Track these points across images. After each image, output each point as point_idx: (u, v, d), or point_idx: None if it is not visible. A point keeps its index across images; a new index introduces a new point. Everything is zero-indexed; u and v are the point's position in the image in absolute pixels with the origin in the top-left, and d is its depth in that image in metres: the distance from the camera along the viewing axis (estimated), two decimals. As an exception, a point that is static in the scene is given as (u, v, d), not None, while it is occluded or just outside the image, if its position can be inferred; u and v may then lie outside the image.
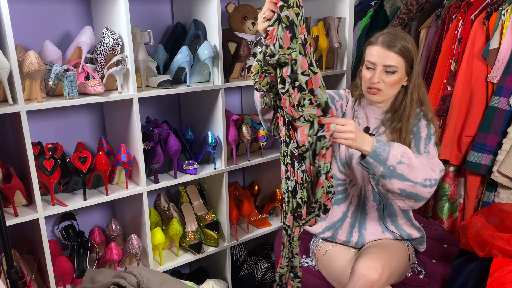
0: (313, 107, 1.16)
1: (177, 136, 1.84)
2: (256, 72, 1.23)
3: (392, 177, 1.25)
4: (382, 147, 1.26)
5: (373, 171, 1.27)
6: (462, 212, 1.99)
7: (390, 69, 1.38)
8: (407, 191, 1.27)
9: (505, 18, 1.74)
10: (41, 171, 1.46)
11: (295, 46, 1.11)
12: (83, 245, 1.68)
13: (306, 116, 1.17)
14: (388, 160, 1.25)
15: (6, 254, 1.22)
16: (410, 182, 1.26)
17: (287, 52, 1.11)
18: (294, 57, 1.12)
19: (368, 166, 1.27)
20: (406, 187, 1.26)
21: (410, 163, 1.26)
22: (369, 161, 1.26)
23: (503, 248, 1.28)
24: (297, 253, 1.35)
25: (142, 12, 1.86)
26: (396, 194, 1.29)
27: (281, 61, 1.13)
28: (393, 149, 1.27)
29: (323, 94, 1.17)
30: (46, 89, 1.52)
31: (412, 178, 1.26)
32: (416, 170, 1.26)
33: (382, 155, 1.25)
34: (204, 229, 1.93)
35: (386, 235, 1.52)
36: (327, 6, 2.14)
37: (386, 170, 1.25)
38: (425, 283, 1.48)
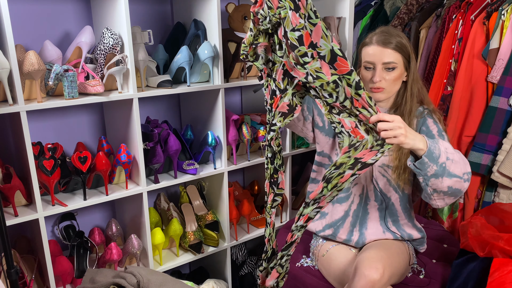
0: (316, 61, 1.09)
1: (177, 136, 1.84)
2: (248, 44, 1.20)
3: (444, 175, 1.21)
4: (433, 144, 1.20)
5: (425, 171, 1.21)
6: (462, 212, 1.99)
7: (389, 65, 1.39)
8: (453, 188, 1.24)
9: (505, 18, 1.74)
10: (41, 171, 1.46)
11: (284, 2, 1.06)
12: (83, 245, 1.68)
13: (313, 73, 1.10)
14: (440, 158, 1.20)
15: (6, 254, 1.22)
16: (457, 178, 1.23)
17: (277, 12, 1.07)
18: (283, 15, 1.07)
19: (421, 167, 1.21)
20: (453, 183, 1.24)
21: (454, 158, 1.23)
22: (424, 161, 1.19)
23: (503, 248, 1.28)
24: (269, 223, 1.34)
25: (142, 12, 1.86)
26: (442, 193, 1.26)
27: (274, 22, 1.10)
28: (440, 144, 1.22)
29: (327, 44, 1.09)
30: (46, 89, 1.52)
31: (458, 174, 1.23)
32: (459, 165, 1.24)
33: (435, 152, 1.19)
34: (204, 229, 1.93)
35: (386, 235, 1.52)
36: (327, 6, 2.14)
37: (439, 169, 1.20)
38: (425, 283, 1.48)
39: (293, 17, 1.06)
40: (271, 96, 1.18)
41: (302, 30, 1.07)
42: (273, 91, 1.17)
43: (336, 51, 1.10)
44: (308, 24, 1.07)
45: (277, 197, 1.30)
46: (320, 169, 1.62)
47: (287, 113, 1.19)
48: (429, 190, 1.27)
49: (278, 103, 1.16)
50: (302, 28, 1.07)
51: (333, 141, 1.57)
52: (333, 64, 1.10)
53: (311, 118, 1.54)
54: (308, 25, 1.07)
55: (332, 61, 1.10)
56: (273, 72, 1.16)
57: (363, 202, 1.52)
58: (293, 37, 1.07)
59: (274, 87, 1.16)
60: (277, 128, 1.20)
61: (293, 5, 1.06)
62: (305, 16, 1.07)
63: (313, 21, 1.08)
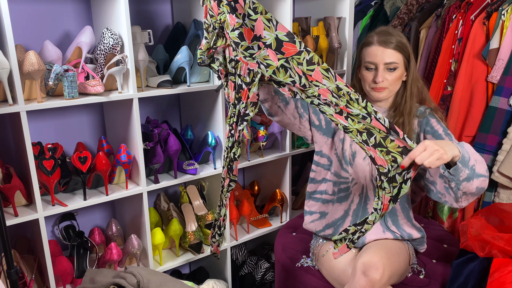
0: (263, 50, 1.17)
1: (177, 136, 1.84)
2: (204, 50, 1.28)
3: (474, 177, 1.22)
4: (462, 148, 1.20)
5: (458, 177, 1.20)
6: (462, 212, 1.99)
7: (391, 66, 1.40)
8: (480, 187, 1.24)
9: (505, 18, 1.74)
10: (41, 171, 1.46)
11: (222, 8, 1.15)
12: (83, 245, 1.67)
13: (262, 61, 1.18)
14: (470, 161, 1.20)
15: (6, 254, 1.22)
16: (483, 177, 1.24)
17: (218, 18, 1.17)
18: (223, 19, 1.16)
19: (455, 173, 1.20)
20: (480, 183, 1.24)
21: (477, 159, 1.24)
22: (458, 167, 1.19)
23: (503, 248, 1.28)
24: (224, 205, 1.46)
25: (142, 12, 1.86)
26: (470, 194, 1.26)
27: (217, 28, 1.19)
28: (466, 147, 1.23)
29: (271, 34, 1.17)
30: (46, 89, 1.52)
31: (483, 173, 1.24)
32: (483, 164, 1.25)
33: (465, 156, 1.19)
34: (204, 229, 1.93)
35: (386, 235, 1.52)
36: (327, 6, 2.14)
37: (470, 172, 1.20)
38: (425, 283, 1.48)
39: (230, 19, 1.15)
40: (238, 90, 1.25)
41: (241, 28, 1.15)
42: (239, 85, 1.24)
43: (281, 38, 1.17)
44: (248, 21, 1.16)
45: (232, 182, 1.40)
46: (319, 169, 1.62)
47: (257, 103, 1.26)
48: (460, 193, 1.26)
49: (248, 95, 1.23)
50: (240, 26, 1.15)
51: (331, 141, 1.57)
52: (280, 49, 1.18)
53: (307, 116, 1.54)
54: (248, 22, 1.16)
55: (279, 47, 1.18)
56: (238, 69, 1.23)
57: (363, 202, 1.53)
58: (234, 35, 1.16)
59: (240, 82, 1.23)
60: (249, 118, 1.26)
61: (229, 8, 1.15)
62: (244, 15, 1.16)
63: (253, 17, 1.16)
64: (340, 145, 1.53)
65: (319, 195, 1.61)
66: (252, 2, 1.17)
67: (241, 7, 1.15)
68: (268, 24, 1.17)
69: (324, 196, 1.60)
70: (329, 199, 1.59)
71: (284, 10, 1.88)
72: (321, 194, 1.61)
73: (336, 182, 1.56)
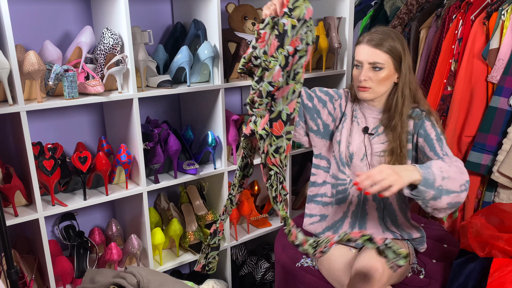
0: (264, 111, 1.18)
1: (177, 136, 1.84)
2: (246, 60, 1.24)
3: (442, 195, 1.24)
4: (426, 170, 1.24)
5: (423, 196, 1.24)
6: (462, 212, 1.99)
7: (376, 65, 1.40)
8: (453, 202, 1.27)
9: (505, 18, 1.74)
10: (41, 171, 1.46)
11: (278, 55, 1.12)
12: (83, 245, 1.68)
13: (257, 115, 1.20)
14: (436, 182, 1.23)
15: (6, 254, 1.22)
16: (454, 194, 1.26)
17: (268, 59, 1.14)
18: (271, 66, 1.13)
19: (419, 194, 1.24)
20: (452, 199, 1.26)
21: (449, 176, 1.25)
22: (420, 189, 1.22)
23: (503, 248, 1.28)
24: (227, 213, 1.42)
25: (142, 12, 1.86)
26: (443, 210, 1.28)
27: (262, 66, 1.16)
28: (434, 168, 1.25)
29: (280, 104, 1.17)
30: (46, 89, 1.52)
31: (455, 189, 1.26)
32: (455, 180, 1.26)
33: (430, 178, 1.22)
34: (204, 229, 1.93)
35: (386, 235, 1.52)
36: (327, 6, 2.14)
37: (436, 192, 1.23)
38: (425, 283, 1.48)
39: (276, 72, 1.12)
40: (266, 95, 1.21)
41: (274, 87, 1.14)
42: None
43: (282, 115, 1.18)
44: (281, 82, 1.14)
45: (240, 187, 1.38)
46: (319, 171, 1.62)
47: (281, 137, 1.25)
48: (429, 209, 1.29)
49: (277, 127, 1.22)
50: (278, 85, 1.14)
51: (329, 143, 1.57)
52: (272, 122, 1.19)
53: (302, 123, 1.54)
54: (281, 82, 1.14)
55: (274, 119, 1.19)
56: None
57: (361, 203, 1.53)
58: (265, 88, 1.15)
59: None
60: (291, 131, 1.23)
61: (284, 61, 1.12)
62: (288, 76, 1.14)
63: (290, 81, 1.15)
64: (337, 147, 1.53)
65: (320, 198, 1.62)
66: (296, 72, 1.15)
67: (292, 64, 1.13)
68: (289, 96, 1.17)
69: (324, 199, 1.60)
70: (328, 201, 1.59)
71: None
72: (321, 197, 1.61)
73: (334, 184, 1.56)
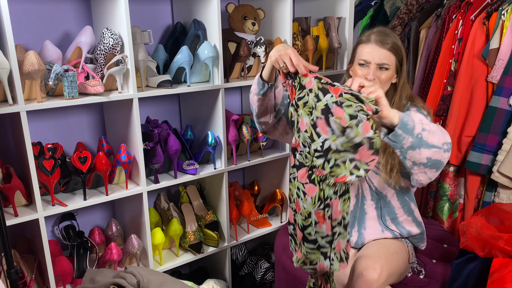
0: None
1: (177, 136, 1.84)
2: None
3: (421, 146, 1.21)
4: (406, 116, 1.20)
5: (401, 144, 1.20)
6: (462, 212, 1.99)
7: (383, 66, 1.41)
8: (433, 158, 1.24)
9: (505, 18, 1.74)
10: (41, 171, 1.46)
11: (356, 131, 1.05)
12: (83, 245, 1.68)
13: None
14: (415, 129, 1.20)
15: (6, 254, 1.22)
16: (435, 148, 1.23)
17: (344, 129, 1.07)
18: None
19: (396, 140, 1.20)
20: (432, 154, 1.23)
21: (430, 129, 1.23)
22: (397, 133, 1.18)
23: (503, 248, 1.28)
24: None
25: (142, 12, 1.86)
26: (422, 166, 1.25)
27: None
28: (414, 116, 1.22)
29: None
30: (46, 89, 1.52)
31: (436, 144, 1.23)
32: (436, 135, 1.24)
33: (409, 124, 1.19)
34: (204, 229, 1.93)
35: (385, 234, 1.52)
36: (327, 6, 2.14)
37: (415, 140, 1.20)
38: (425, 283, 1.48)
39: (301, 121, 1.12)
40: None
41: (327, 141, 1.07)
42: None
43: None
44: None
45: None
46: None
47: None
48: (408, 163, 1.26)
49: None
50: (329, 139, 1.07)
51: None
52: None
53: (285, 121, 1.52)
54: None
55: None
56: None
57: (360, 202, 1.52)
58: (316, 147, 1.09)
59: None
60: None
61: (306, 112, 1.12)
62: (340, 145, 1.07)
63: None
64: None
65: None
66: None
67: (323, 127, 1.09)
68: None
69: None
70: None
71: (284, 10, 1.88)
72: None
73: None
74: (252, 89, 1.41)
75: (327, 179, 1.10)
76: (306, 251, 1.18)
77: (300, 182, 1.13)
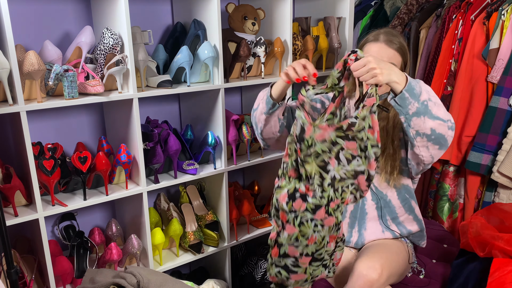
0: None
1: (177, 136, 1.84)
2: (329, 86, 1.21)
3: (426, 113, 1.21)
4: (414, 81, 1.20)
5: (406, 109, 1.20)
6: (462, 212, 1.99)
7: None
8: (437, 131, 1.24)
9: (505, 18, 1.74)
10: (41, 171, 1.46)
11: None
12: (83, 245, 1.67)
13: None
14: (421, 95, 1.20)
15: (6, 254, 1.22)
16: (439, 120, 1.23)
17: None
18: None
19: (402, 103, 1.19)
20: (437, 126, 1.23)
21: (437, 101, 1.23)
22: (404, 96, 1.18)
23: (503, 248, 1.28)
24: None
25: (142, 12, 1.86)
26: (425, 137, 1.25)
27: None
28: (422, 84, 1.22)
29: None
30: (46, 89, 1.52)
31: (441, 116, 1.23)
32: (442, 108, 1.24)
33: (415, 89, 1.19)
34: (204, 229, 1.93)
35: (386, 235, 1.52)
36: (327, 6, 2.14)
37: (420, 106, 1.19)
38: (425, 283, 1.48)
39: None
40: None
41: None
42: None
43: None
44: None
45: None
46: None
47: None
48: (412, 132, 1.25)
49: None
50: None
51: None
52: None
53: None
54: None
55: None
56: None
57: (360, 203, 1.52)
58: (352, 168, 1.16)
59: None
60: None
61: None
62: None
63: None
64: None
65: None
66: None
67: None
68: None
69: None
70: None
71: (284, 10, 1.88)
72: None
73: None
74: (258, 107, 1.42)
75: (339, 206, 1.18)
76: (312, 270, 1.24)
77: (318, 219, 1.18)
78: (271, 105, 1.37)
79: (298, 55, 1.94)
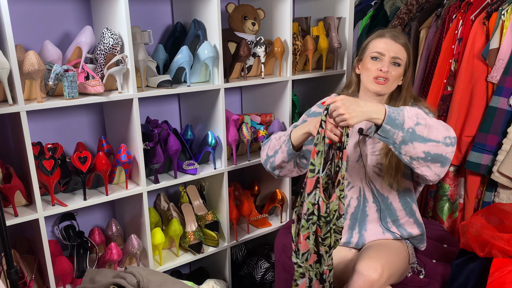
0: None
1: (177, 136, 1.84)
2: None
3: (414, 140, 1.21)
4: (396, 111, 1.21)
5: (392, 139, 1.21)
6: (462, 212, 1.99)
7: (396, 60, 1.42)
8: (431, 153, 1.23)
9: (505, 18, 1.74)
10: (41, 171, 1.46)
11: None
12: (83, 245, 1.68)
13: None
14: (405, 123, 1.20)
15: (6, 254, 1.22)
16: (432, 142, 1.23)
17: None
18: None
19: (386, 135, 1.21)
20: (430, 148, 1.23)
21: (427, 123, 1.23)
22: (385, 128, 1.19)
23: (503, 248, 1.28)
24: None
25: (142, 12, 1.86)
26: (422, 160, 1.25)
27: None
28: (406, 111, 1.23)
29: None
30: (46, 89, 1.52)
31: (433, 138, 1.23)
32: (435, 129, 1.24)
33: (397, 119, 1.20)
34: (204, 229, 1.93)
35: (386, 236, 1.52)
36: (327, 6, 2.14)
37: (405, 134, 1.20)
38: (425, 283, 1.48)
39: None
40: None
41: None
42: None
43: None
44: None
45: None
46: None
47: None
48: (405, 159, 1.26)
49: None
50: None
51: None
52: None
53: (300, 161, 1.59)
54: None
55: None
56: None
57: (361, 204, 1.52)
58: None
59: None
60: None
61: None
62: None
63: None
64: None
65: None
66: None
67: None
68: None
69: None
70: None
71: (284, 10, 1.88)
72: None
73: None
74: (275, 156, 1.52)
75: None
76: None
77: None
78: (293, 155, 1.47)
79: (298, 55, 1.94)
